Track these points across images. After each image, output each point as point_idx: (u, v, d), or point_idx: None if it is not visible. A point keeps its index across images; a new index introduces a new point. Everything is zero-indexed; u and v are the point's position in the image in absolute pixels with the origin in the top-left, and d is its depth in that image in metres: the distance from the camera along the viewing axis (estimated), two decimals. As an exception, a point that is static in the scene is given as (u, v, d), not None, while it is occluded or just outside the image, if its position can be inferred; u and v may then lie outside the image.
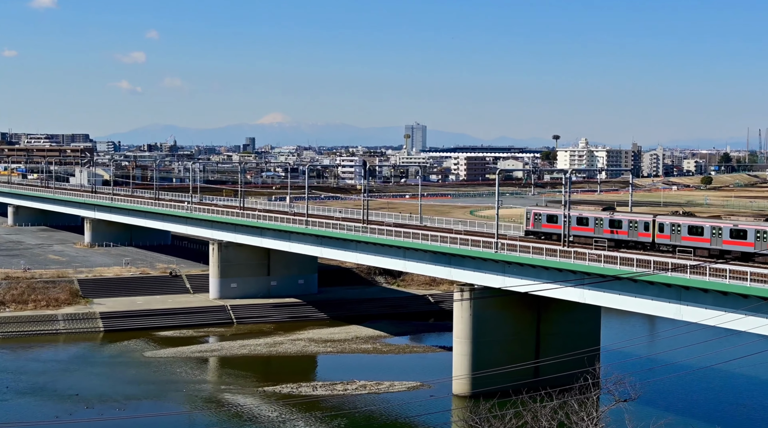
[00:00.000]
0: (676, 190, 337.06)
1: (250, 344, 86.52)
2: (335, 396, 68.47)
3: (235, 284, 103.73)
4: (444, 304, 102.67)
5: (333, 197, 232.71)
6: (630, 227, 64.38)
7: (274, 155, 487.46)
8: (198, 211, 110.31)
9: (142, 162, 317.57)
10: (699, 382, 70.42)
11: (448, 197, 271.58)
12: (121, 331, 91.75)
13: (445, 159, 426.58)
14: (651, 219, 63.46)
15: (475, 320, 68.48)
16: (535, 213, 72.22)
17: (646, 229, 63.49)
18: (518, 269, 65.40)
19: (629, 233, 64.38)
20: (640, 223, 63.91)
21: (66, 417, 62.31)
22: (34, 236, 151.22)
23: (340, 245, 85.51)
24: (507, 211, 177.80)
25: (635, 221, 64.29)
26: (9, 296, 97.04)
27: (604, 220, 66.11)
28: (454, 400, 67.61)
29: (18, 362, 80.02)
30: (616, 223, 65.39)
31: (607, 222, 65.82)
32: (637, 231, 63.91)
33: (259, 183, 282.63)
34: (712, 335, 61.42)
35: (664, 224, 62.43)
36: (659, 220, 62.98)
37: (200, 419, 63.30)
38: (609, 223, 65.71)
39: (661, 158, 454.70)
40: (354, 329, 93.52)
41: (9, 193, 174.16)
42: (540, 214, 71.72)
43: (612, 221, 65.61)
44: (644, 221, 63.69)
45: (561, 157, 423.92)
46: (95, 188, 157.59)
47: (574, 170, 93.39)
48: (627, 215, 66.00)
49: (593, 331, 73.12)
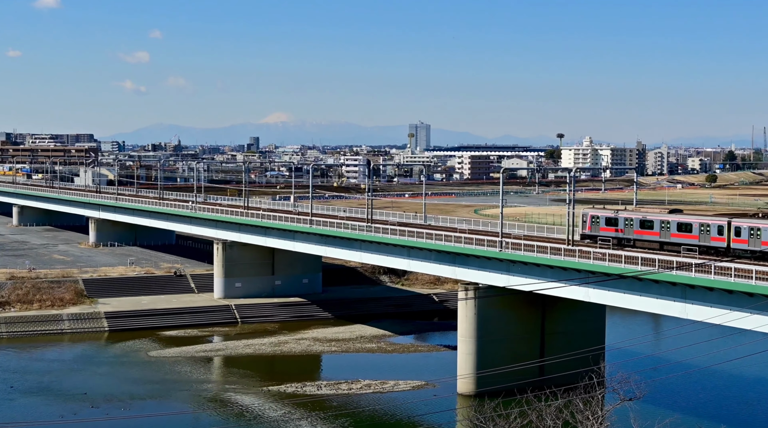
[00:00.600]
0: (681, 188, 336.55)
1: (255, 343, 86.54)
2: (340, 395, 68.44)
3: (240, 283, 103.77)
4: (448, 303, 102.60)
5: (337, 196, 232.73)
6: (701, 231, 59.77)
7: (278, 154, 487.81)
8: (202, 211, 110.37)
9: (146, 162, 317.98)
10: (704, 381, 70.29)
11: (452, 196, 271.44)
12: (126, 331, 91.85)
13: (449, 158, 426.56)
14: (726, 222, 58.66)
15: (479, 319, 68.42)
16: (592, 216, 67.29)
17: (719, 233, 58.78)
18: (523, 268, 65.31)
19: (700, 237, 59.79)
20: (713, 226, 59.22)
21: (71, 417, 62.42)
22: (39, 236, 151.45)
23: (344, 245, 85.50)
24: (511, 210, 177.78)
25: (707, 225, 59.58)
26: (14, 296, 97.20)
27: (672, 223, 61.71)
28: (459, 399, 67.56)
29: (23, 361, 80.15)
30: (684, 226, 61.00)
31: (675, 225, 61.52)
32: (710, 235, 59.32)
33: (263, 183, 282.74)
34: (717, 333, 61.25)
35: (741, 228, 57.47)
36: (735, 223, 58.11)
37: (205, 418, 63.34)
38: (677, 226, 61.40)
39: (665, 156, 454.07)
40: (358, 328, 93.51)
41: (14, 193, 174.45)
42: (597, 216, 66.91)
43: (680, 224, 61.29)
44: (718, 225, 59.00)
45: (565, 155, 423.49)
46: (100, 188, 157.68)
47: (579, 169, 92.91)
48: (698, 217, 61.74)
49: (598, 330, 72.98)
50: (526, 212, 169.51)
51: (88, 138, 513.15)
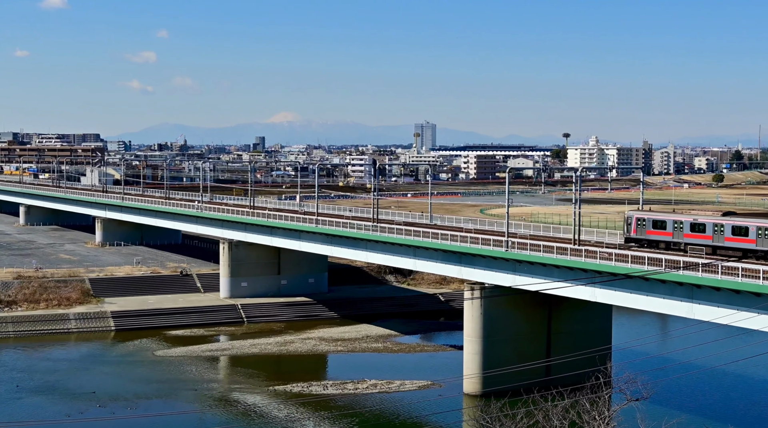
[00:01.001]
0: (688, 188, 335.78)
1: (261, 343, 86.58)
2: (346, 395, 68.41)
3: (246, 283, 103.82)
4: (454, 303, 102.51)
5: (343, 196, 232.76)
6: (759, 236, 56.42)
7: (284, 154, 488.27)
8: (208, 210, 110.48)
9: (152, 161, 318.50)
10: (712, 381, 70.06)
11: (458, 196, 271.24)
12: (132, 330, 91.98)
13: (454, 158, 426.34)
14: None
15: (485, 319, 68.31)
16: (638, 218, 63.76)
17: None
18: (529, 267, 65.20)
19: (758, 242, 56.45)
20: None
21: (77, 416, 62.54)
22: (46, 235, 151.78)
23: (350, 244, 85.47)
24: (517, 209, 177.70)
25: (765, 228, 56.28)
26: (21, 296, 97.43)
27: (726, 226, 58.65)
28: (465, 399, 67.47)
29: (30, 361, 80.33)
30: (740, 229, 57.76)
31: (729, 228, 58.39)
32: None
33: (269, 182, 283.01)
34: (724, 333, 61.07)
35: None
36: None
37: (211, 418, 63.35)
38: (731, 229, 58.26)
39: (672, 155, 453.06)
40: (364, 328, 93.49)
41: (20, 193, 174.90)
42: (644, 219, 63.51)
43: (735, 228, 58.04)
44: None
45: (571, 155, 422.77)
46: (106, 188, 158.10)
47: (585, 168, 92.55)
48: (755, 220, 57.93)
49: (604, 330, 72.81)
50: (533, 212, 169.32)
51: (95, 138, 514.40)
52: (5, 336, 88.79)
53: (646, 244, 62.95)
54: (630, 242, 64.13)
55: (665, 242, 61.95)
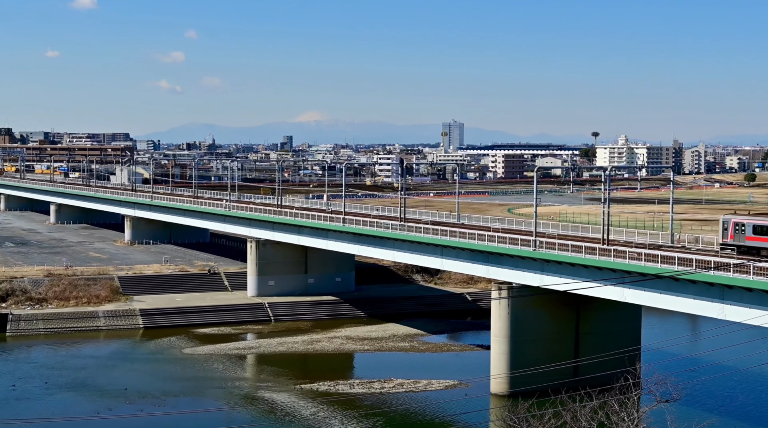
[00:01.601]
0: (719, 187, 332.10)
1: (288, 341, 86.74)
2: (372, 394, 68.29)
3: (273, 281, 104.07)
4: (482, 302, 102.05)
5: (370, 195, 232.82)
6: None
7: (312, 153, 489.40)
8: (236, 209, 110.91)
9: (181, 161, 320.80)
10: (743, 383, 69.10)
11: (486, 195, 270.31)
12: (161, 328, 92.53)
13: (482, 157, 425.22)
14: None
15: (513, 318, 67.89)
16: (735, 223, 58.41)
17: None
18: (557, 267, 64.68)
19: None
20: None
21: (106, 413, 63.01)
22: (76, 233, 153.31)
23: (377, 243, 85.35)
24: (545, 209, 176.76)
25: None
26: (51, 293, 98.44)
27: None
28: (492, 399, 67.12)
29: (59, 357, 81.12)
30: None
31: None
32: None
33: (296, 181, 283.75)
34: (757, 335, 60.22)
35: None
36: None
37: (238, 416, 63.53)
38: None
39: (702, 154, 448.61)
40: (391, 327, 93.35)
41: (51, 191, 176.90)
42: (743, 224, 58.09)
43: None
44: None
45: (600, 154, 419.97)
46: (135, 187, 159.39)
47: (614, 168, 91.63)
48: None
49: (634, 330, 72.04)
50: (561, 211, 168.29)
51: (124, 137, 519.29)
52: (36, 332, 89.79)
53: (746, 251, 57.62)
54: (726, 248, 59.14)
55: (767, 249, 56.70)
